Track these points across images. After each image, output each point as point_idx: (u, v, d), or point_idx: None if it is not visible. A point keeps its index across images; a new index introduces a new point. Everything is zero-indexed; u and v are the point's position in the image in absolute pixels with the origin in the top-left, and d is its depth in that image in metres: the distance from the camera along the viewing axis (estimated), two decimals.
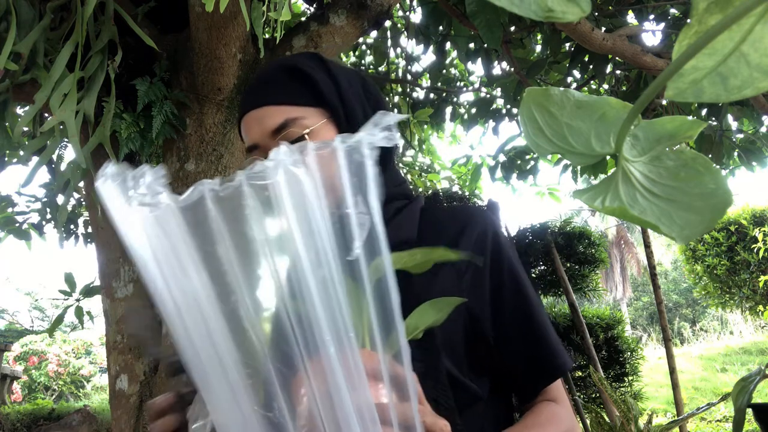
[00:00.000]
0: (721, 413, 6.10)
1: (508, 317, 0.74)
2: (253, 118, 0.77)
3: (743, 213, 7.17)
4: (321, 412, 0.43)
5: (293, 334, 0.42)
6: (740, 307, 7.37)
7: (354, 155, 0.43)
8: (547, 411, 0.73)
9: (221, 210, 0.40)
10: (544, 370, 0.73)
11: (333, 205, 0.43)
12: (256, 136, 0.76)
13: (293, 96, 0.76)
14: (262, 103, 0.76)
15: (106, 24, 1.59)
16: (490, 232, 0.77)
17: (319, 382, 0.43)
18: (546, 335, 0.74)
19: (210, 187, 0.40)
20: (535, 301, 0.76)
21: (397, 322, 0.46)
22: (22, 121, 1.50)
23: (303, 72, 0.77)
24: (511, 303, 0.74)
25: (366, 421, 0.42)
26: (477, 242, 0.75)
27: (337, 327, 0.42)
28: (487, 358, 0.74)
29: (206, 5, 1.23)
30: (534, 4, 0.26)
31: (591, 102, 0.32)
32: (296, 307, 0.42)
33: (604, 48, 2.19)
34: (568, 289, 3.86)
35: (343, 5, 1.84)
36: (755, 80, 0.26)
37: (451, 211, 0.82)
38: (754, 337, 11.11)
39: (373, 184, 0.45)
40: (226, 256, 0.40)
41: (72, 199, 2.86)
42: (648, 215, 0.28)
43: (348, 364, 0.43)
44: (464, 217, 0.78)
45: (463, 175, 4.52)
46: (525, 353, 0.73)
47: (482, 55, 3.01)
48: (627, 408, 2.37)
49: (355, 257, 0.43)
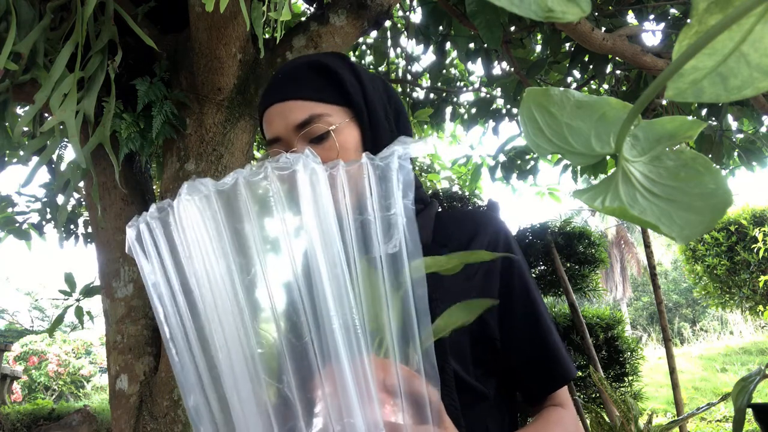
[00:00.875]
0: (721, 413, 6.10)
1: (516, 321, 0.75)
2: (277, 111, 0.77)
3: (743, 213, 7.17)
4: (332, 421, 0.44)
5: (303, 310, 0.45)
6: (740, 307, 7.37)
7: (384, 168, 0.48)
8: (555, 416, 0.74)
9: (250, 194, 0.46)
10: (551, 376, 0.75)
11: (357, 206, 0.47)
12: (279, 129, 0.76)
13: (319, 92, 0.77)
14: (288, 97, 0.76)
15: (106, 24, 1.59)
16: (502, 236, 0.78)
17: (331, 389, 0.44)
18: (553, 341, 0.75)
19: (243, 175, 0.46)
20: (542, 307, 0.77)
21: (421, 329, 0.47)
22: (22, 121, 1.50)
23: (330, 70, 0.78)
24: (520, 307, 0.76)
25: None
26: (489, 246, 0.77)
27: (347, 324, 0.45)
28: (493, 361, 0.75)
29: (206, 5, 1.23)
30: (534, 4, 0.26)
31: (591, 102, 0.32)
32: (309, 290, 0.45)
33: (604, 48, 2.19)
34: (568, 289, 3.86)
35: (343, 5, 1.84)
36: (755, 80, 0.26)
37: (465, 215, 0.83)
38: (754, 337, 11.11)
39: (410, 189, 0.49)
40: (251, 234, 0.45)
41: (72, 199, 2.86)
42: (648, 215, 0.28)
43: (359, 371, 0.44)
44: (477, 221, 0.80)
45: (463, 175, 4.52)
46: (532, 358, 0.75)
47: (482, 55, 3.01)
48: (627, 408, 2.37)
49: (393, 251, 0.47)
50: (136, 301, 1.77)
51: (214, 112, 1.81)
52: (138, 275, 1.79)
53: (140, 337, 1.74)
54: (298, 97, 0.76)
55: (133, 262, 1.80)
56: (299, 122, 0.75)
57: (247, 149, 1.90)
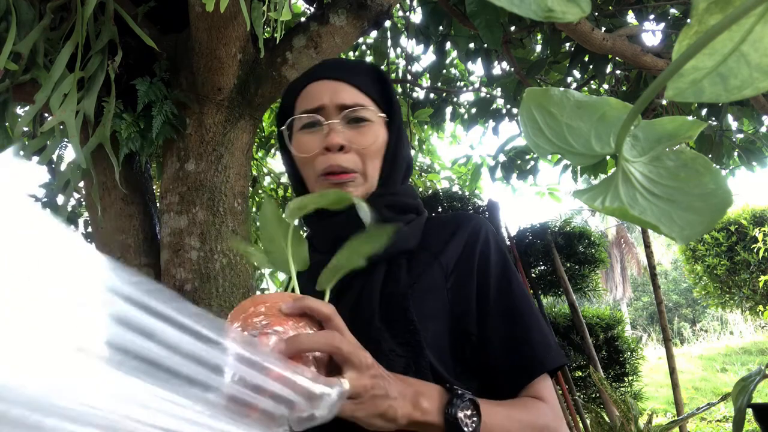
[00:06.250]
0: (721, 413, 6.09)
1: (492, 317, 0.75)
2: (327, 86, 0.82)
3: (743, 213, 7.17)
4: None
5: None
6: (740, 307, 7.37)
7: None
8: (529, 402, 0.72)
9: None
10: (524, 367, 0.73)
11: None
12: (325, 101, 0.80)
13: (369, 87, 0.83)
14: (340, 79, 0.82)
15: (106, 24, 1.59)
16: (481, 236, 0.80)
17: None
18: (529, 334, 0.74)
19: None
20: (523, 302, 0.76)
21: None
22: (22, 121, 1.50)
23: (383, 77, 0.86)
24: (497, 303, 0.75)
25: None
26: (467, 245, 0.79)
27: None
28: (473, 358, 0.75)
29: (206, 5, 1.23)
30: (534, 4, 0.26)
31: (591, 102, 0.32)
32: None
33: (604, 48, 2.19)
34: (568, 289, 3.86)
35: (343, 5, 1.84)
36: (755, 80, 0.26)
37: (449, 218, 0.86)
38: (754, 337, 11.12)
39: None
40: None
41: (72, 199, 2.86)
42: (648, 215, 0.28)
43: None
44: (458, 221, 0.83)
45: (463, 175, 4.52)
46: (506, 351, 0.73)
47: (482, 55, 3.01)
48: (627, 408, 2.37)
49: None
50: None
51: (214, 112, 1.81)
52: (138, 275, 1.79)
53: None
54: (351, 83, 0.81)
55: (133, 263, 1.80)
56: (345, 103, 0.80)
57: (247, 149, 1.90)
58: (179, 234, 1.72)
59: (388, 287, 0.73)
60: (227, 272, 1.71)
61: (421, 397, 0.60)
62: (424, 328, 0.70)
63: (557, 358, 0.74)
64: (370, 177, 0.81)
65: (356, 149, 0.79)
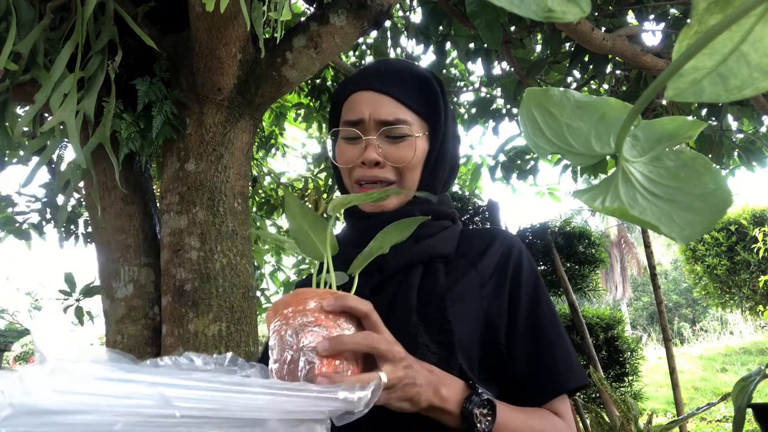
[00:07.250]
0: (721, 413, 6.10)
1: (519, 330, 0.77)
2: (369, 98, 0.83)
3: (743, 213, 7.17)
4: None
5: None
6: (740, 307, 7.37)
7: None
8: (546, 413, 0.74)
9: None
10: (545, 385, 0.75)
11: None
12: (365, 114, 0.82)
13: (413, 101, 0.83)
14: (384, 92, 0.83)
15: (106, 24, 1.59)
16: (515, 251, 0.84)
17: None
18: (554, 352, 0.76)
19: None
20: (551, 320, 0.79)
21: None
22: (22, 121, 1.50)
23: (431, 87, 0.86)
24: (526, 318, 0.78)
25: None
26: (502, 257, 0.82)
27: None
28: (499, 366, 0.77)
29: (206, 5, 1.23)
30: (534, 4, 0.26)
31: (591, 102, 0.32)
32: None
33: (604, 48, 2.19)
34: (568, 289, 3.86)
35: (343, 5, 1.84)
36: (755, 80, 0.26)
37: (485, 230, 0.90)
38: (754, 337, 11.12)
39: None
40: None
41: (72, 199, 2.86)
42: (648, 215, 0.28)
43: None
44: (494, 234, 0.87)
45: (463, 175, 4.52)
46: (530, 366, 0.75)
47: (482, 55, 3.01)
48: (627, 408, 2.37)
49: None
50: (136, 301, 1.77)
51: (214, 112, 1.81)
52: (138, 275, 1.79)
53: (140, 337, 1.74)
54: (394, 97, 0.82)
55: (133, 263, 1.80)
56: (385, 120, 0.82)
57: (247, 149, 1.89)
58: (179, 234, 1.72)
59: (425, 287, 0.77)
60: (227, 272, 1.71)
61: (443, 386, 0.64)
62: (457, 331, 0.73)
63: (579, 378, 0.76)
64: (408, 187, 0.84)
65: (392, 164, 0.82)
